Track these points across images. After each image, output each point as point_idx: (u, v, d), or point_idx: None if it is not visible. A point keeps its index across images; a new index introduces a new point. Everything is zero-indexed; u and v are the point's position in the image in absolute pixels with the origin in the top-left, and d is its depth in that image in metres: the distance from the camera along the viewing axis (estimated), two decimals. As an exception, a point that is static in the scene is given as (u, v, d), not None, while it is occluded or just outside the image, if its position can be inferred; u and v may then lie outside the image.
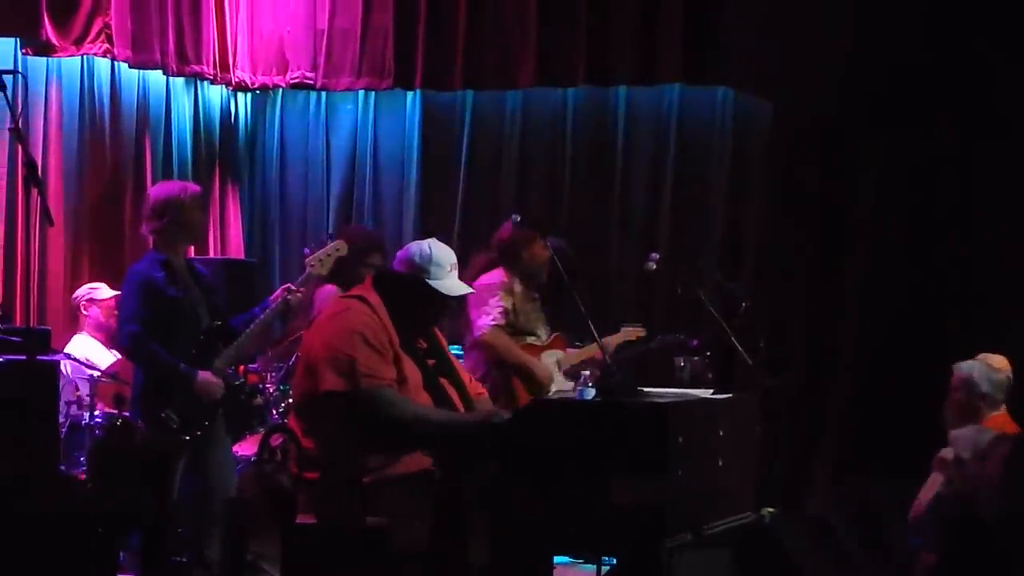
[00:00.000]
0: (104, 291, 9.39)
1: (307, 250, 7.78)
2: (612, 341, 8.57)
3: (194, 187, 7.79)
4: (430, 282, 6.15)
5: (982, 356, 7.44)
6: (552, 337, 8.48)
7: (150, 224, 7.52)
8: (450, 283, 6.22)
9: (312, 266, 7.47)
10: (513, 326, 8.25)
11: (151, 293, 7.32)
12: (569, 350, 8.51)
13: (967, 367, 7.35)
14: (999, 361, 7.41)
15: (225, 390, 7.39)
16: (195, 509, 7.48)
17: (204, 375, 7.28)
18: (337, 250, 7.52)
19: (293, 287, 7.42)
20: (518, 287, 8.32)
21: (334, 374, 5.95)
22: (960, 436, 6.76)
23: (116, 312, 9.14)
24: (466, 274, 7.97)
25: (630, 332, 8.79)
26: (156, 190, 7.80)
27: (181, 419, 7.27)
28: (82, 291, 9.46)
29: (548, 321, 8.52)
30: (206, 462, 7.44)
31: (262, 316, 7.40)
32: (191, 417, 7.30)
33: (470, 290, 6.35)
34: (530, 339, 8.36)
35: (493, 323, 8.07)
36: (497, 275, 8.29)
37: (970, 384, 7.27)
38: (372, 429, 5.92)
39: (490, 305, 8.09)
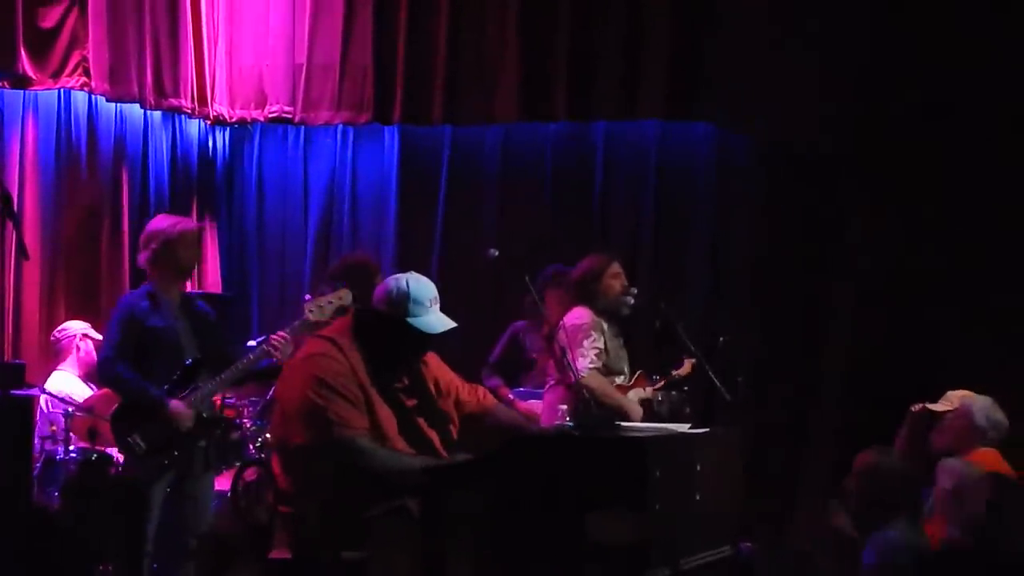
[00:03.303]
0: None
1: (308, 296, 7.65)
2: (683, 373, 8.54)
3: (186, 223, 7.80)
4: (409, 320, 5.96)
5: (947, 395, 7.53)
6: (636, 375, 8.42)
7: (140, 254, 7.58)
8: (431, 319, 6.01)
9: (311, 312, 7.37)
10: (606, 367, 8.19)
11: (131, 322, 7.37)
12: (648, 388, 8.45)
13: (969, 398, 7.38)
14: (962, 395, 7.50)
15: (200, 423, 7.35)
16: (171, 542, 7.42)
17: (176, 403, 7.27)
18: (340, 299, 7.41)
19: (284, 334, 7.35)
20: (605, 325, 8.27)
21: (305, 426, 5.82)
22: (946, 466, 6.81)
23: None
24: (547, 311, 7.98)
25: (688, 365, 8.59)
26: (151, 221, 7.82)
27: (148, 445, 7.24)
28: (77, 326, 9.41)
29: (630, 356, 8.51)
30: (183, 495, 7.41)
31: (244, 359, 7.37)
32: (159, 444, 7.27)
33: (452, 324, 6.09)
34: (618, 379, 8.30)
35: (591, 366, 7.97)
36: (584, 314, 8.20)
37: (969, 415, 7.31)
38: (349, 476, 5.81)
39: (585, 347, 8.01)
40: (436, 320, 6.04)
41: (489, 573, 5.62)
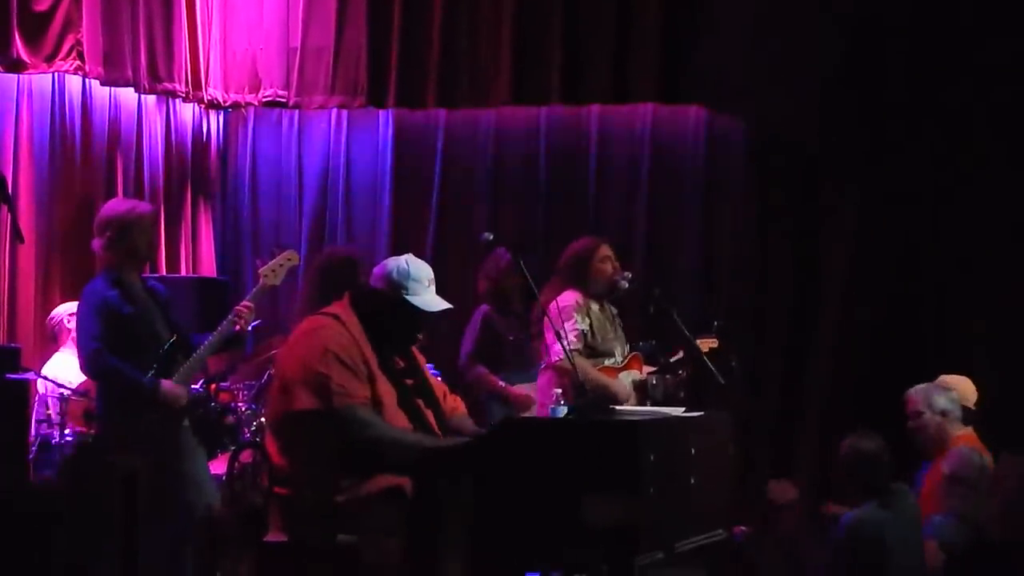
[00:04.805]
0: None
1: (258, 261, 7.71)
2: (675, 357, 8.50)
3: (143, 207, 7.63)
4: (408, 298, 6.06)
5: (940, 379, 7.59)
6: (629, 357, 8.43)
7: (96, 240, 7.39)
8: (428, 298, 6.12)
9: (265, 277, 7.44)
10: (591, 348, 8.19)
11: (107, 312, 7.22)
12: (647, 369, 8.47)
13: (931, 390, 7.45)
14: (955, 380, 7.55)
15: (189, 401, 7.35)
16: (169, 526, 7.40)
17: (167, 383, 7.21)
18: (289, 260, 7.49)
19: (247, 303, 7.38)
20: (595, 306, 8.29)
21: (307, 392, 5.87)
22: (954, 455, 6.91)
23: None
24: (541, 296, 7.98)
25: (705, 343, 8.48)
26: (106, 205, 7.69)
27: (149, 435, 7.22)
28: (65, 308, 9.39)
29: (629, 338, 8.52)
30: (182, 476, 7.36)
31: (215, 332, 7.35)
32: (159, 433, 7.25)
33: (448, 305, 6.19)
34: (608, 361, 8.30)
35: (569, 348, 7.85)
36: (572, 296, 8.23)
37: (941, 409, 7.39)
38: (345, 449, 5.86)
39: (566, 329, 7.93)
40: (433, 299, 6.15)
41: (481, 557, 5.65)
